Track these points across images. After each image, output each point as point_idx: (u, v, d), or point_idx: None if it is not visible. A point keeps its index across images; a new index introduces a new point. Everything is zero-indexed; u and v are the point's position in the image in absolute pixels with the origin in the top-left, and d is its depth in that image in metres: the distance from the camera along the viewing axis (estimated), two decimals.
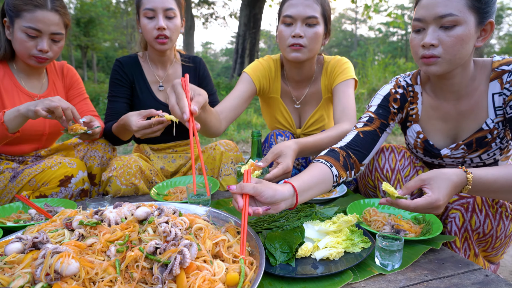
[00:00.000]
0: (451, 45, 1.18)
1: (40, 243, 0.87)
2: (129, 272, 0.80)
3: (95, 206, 1.32)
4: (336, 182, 1.25)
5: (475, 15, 1.16)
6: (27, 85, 1.73)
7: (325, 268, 0.98)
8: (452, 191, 1.04)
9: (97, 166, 1.81)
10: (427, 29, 1.21)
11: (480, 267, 1.01)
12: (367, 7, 10.24)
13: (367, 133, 1.41)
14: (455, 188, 1.05)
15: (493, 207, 1.20)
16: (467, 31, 1.17)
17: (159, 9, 1.76)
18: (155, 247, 0.81)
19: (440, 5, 1.16)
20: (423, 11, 1.20)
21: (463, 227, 1.24)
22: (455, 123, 1.37)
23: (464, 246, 1.25)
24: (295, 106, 1.96)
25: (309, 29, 1.68)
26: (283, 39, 1.72)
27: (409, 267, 1.01)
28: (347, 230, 1.12)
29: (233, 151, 1.88)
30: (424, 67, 1.25)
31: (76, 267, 0.75)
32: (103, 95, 9.41)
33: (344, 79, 1.78)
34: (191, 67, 2.07)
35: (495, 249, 1.29)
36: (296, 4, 1.67)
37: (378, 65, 9.87)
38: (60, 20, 1.63)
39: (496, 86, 1.26)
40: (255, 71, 1.87)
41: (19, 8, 1.56)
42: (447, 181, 1.03)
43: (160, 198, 1.60)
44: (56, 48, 1.66)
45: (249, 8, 11.61)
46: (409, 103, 1.48)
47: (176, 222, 0.90)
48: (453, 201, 1.25)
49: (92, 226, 0.92)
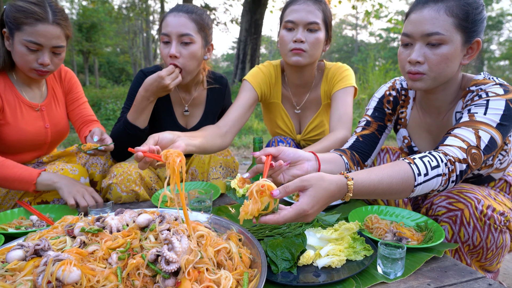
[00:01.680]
0: (436, 63, 1.20)
1: (41, 250, 0.86)
2: (131, 279, 0.80)
3: (96, 213, 1.32)
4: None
5: (461, 34, 1.18)
6: (27, 95, 1.71)
7: (327, 276, 0.97)
8: (326, 201, 0.99)
9: (99, 173, 1.80)
10: (414, 45, 1.24)
11: (483, 275, 1.01)
12: (367, 13, 10.29)
13: (366, 136, 1.49)
14: (332, 198, 1.00)
15: (481, 220, 1.19)
16: (453, 50, 1.19)
17: (173, 34, 1.61)
18: (156, 254, 0.81)
19: (427, 23, 1.18)
20: (411, 27, 1.23)
21: (453, 239, 1.25)
22: (438, 136, 1.43)
23: (455, 258, 1.26)
24: (295, 112, 1.96)
25: (310, 35, 1.70)
26: (284, 43, 1.74)
27: (412, 275, 1.01)
28: (349, 238, 1.12)
29: (222, 155, 1.86)
30: (410, 82, 1.29)
31: (77, 275, 0.75)
32: (105, 100, 9.44)
33: (343, 87, 1.80)
34: (216, 89, 1.95)
35: (489, 260, 1.29)
36: (298, 9, 1.69)
37: (379, 70, 9.88)
38: (61, 33, 1.57)
39: (459, 105, 1.32)
40: (255, 78, 1.87)
41: (19, 21, 1.49)
42: (324, 191, 0.97)
43: (162, 204, 1.60)
44: (57, 60, 1.62)
45: (250, 14, 11.67)
46: (400, 106, 1.53)
47: (178, 229, 0.90)
48: (442, 214, 1.26)
49: (93, 233, 0.92)
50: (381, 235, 1.21)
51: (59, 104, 1.84)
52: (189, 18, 1.63)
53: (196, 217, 1.20)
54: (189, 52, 1.63)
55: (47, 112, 1.76)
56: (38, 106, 1.73)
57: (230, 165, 1.85)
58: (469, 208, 1.20)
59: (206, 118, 1.95)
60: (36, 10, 1.49)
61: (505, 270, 1.79)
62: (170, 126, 1.86)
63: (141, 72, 1.83)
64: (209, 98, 1.95)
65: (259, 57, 12.44)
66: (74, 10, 23.86)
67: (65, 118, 1.88)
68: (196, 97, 1.91)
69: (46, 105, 1.76)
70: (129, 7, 19.83)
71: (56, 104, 1.82)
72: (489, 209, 1.19)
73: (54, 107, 1.80)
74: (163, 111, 1.85)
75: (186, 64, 1.64)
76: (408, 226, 1.29)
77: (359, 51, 36.17)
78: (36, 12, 1.49)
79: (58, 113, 1.83)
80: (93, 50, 25.07)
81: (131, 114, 1.66)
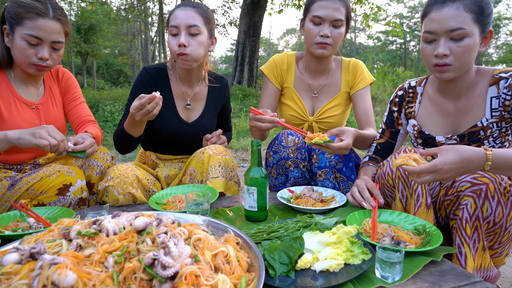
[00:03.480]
0: (461, 54, 1.36)
1: (37, 254, 0.85)
2: (127, 283, 0.79)
3: (93, 215, 1.31)
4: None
5: (479, 26, 1.35)
6: (24, 93, 1.72)
7: (325, 280, 0.97)
8: (462, 163, 1.14)
9: (96, 175, 1.80)
10: (438, 41, 1.38)
11: (481, 279, 1.00)
12: (366, 16, 10.31)
13: (383, 144, 1.81)
14: (467, 162, 1.14)
15: (505, 195, 1.23)
16: (474, 41, 1.35)
17: (182, 26, 1.74)
18: (153, 258, 0.80)
19: (450, 20, 1.33)
20: (434, 24, 1.37)
21: (475, 214, 1.25)
22: (454, 118, 1.54)
23: (474, 237, 1.26)
24: (313, 95, 2.14)
25: (335, 30, 1.91)
26: (311, 36, 1.92)
27: (410, 279, 1.01)
28: (347, 242, 1.11)
29: (221, 155, 1.86)
30: (437, 74, 1.43)
31: (73, 278, 0.74)
32: (103, 102, 9.41)
33: (365, 85, 2.06)
34: (217, 88, 2.06)
35: (502, 245, 1.31)
36: (326, 6, 1.87)
37: (377, 73, 9.91)
38: (61, 29, 1.63)
39: (494, 90, 1.44)
40: (270, 70, 2.13)
41: (20, 15, 1.55)
42: (458, 153, 1.15)
43: (159, 207, 1.59)
44: (56, 56, 1.66)
45: (249, 16, 11.68)
46: (406, 102, 1.71)
47: (175, 233, 0.89)
48: (465, 188, 1.28)
49: (90, 237, 0.91)
50: (379, 238, 1.21)
51: (56, 103, 1.83)
52: (196, 11, 1.77)
53: (194, 220, 1.19)
54: (197, 42, 1.76)
55: (43, 111, 1.75)
56: (34, 104, 1.73)
57: (229, 165, 1.85)
58: (494, 183, 1.23)
59: (206, 113, 2.04)
60: (37, 6, 1.56)
61: (503, 274, 1.79)
62: (172, 119, 1.94)
63: (144, 69, 1.92)
64: (209, 95, 2.05)
65: (257, 60, 12.45)
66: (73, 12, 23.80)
67: (62, 118, 1.88)
68: (197, 92, 2.02)
69: (42, 103, 1.76)
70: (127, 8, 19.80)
71: (53, 104, 1.82)
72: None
73: (51, 106, 1.80)
74: (164, 104, 1.91)
75: (194, 52, 1.76)
76: (406, 230, 1.28)
77: (358, 53, 36.27)
78: (37, 7, 1.56)
79: (55, 113, 1.82)
80: (91, 51, 25.04)
81: (126, 123, 1.72)
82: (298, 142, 1.87)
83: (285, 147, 1.88)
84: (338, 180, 1.85)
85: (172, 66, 1.98)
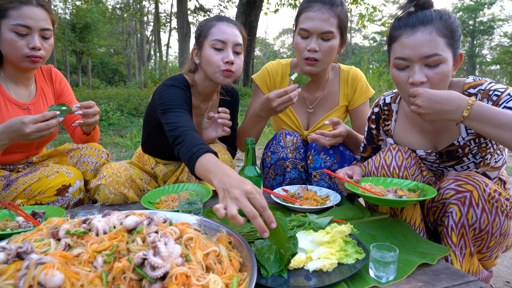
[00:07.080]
0: (437, 81, 1.28)
1: (24, 253, 0.83)
2: (116, 284, 0.77)
3: (84, 214, 1.30)
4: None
5: (451, 51, 1.27)
6: (14, 93, 1.68)
7: (318, 280, 0.96)
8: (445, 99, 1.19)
9: (90, 172, 1.77)
10: (412, 67, 1.29)
11: (475, 279, 1.00)
12: (361, 16, 10.34)
13: (366, 158, 1.73)
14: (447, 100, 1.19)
15: (489, 202, 1.21)
16: (449, 67, 1.27)
17: (230, 42, 1.67)
18: (142, 258, 0.79)
19: (425, 46, 1.24)
20: (407, 50, 1.28)
21: (460, 222, 1.25)
22: (431, 137, 1.48)
23: (461, 244, 1.26)
24: (308, 110, 2.03)
25: (324, 43, 1.74)
26: (299, 51, 1.80)
27: (404, 279, 1.00)
28: (341, 241, 1.10)
29: (220, 154, 1.84)
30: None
31: (60, 278, 0.72)
32: (97, 101, 9.36)
33: (365, 100, 1.98)
34: (227, 100, 1.99)
35: (490, 249, 1.30)
36: (313, 17, 1.71)
37: (372, 73, 9.92)
38: (47, 16, 1.60)
39: None
40: (262, 81, 2.03)
41: (4, 7, 1.51)
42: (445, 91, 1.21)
43: (151, 206, 1.57)
44: (47, 46, 1.62)
45: (244, 16, 11.67)
46: (383, 120, 1.62)
47: (166, 232, 0.88)
48: (450, 196, 1.27)
49: (79, 236, 0.90)
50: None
51: (48, 104, 1.80)
52: (238, 29, 1.74)
53: (186, 219, 1.18)
54: (240, 59, 1.74)
55: (34, 111, 1.72)
56: (25, 104, 1.70)
57: (227, 164, 1.84)
58: (478, 190, 1.21)
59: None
60: None
61: (496, 273, 1.79)
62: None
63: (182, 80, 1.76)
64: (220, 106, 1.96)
65: (253, 59, 12.45)
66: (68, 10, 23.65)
67: None
68: (211, 106, 1.95)
69: (34, 104, 1.73)
70: (123, 7, 19.73)
71: (45, 104, 1.79)
72: (496, 192, 1.21)
73: (42, 106, 1.77)
74: None
75: (238, 70, 1.73)
76: (402, 189, 1.37)
77: (353, 54, 36.38)
78: None
79: None
80: (86, 50, 24.85)
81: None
82: (297, 142, 1.86)
83: (284, 147, 1.86)
84: (333, 180, 1.84)
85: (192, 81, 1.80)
